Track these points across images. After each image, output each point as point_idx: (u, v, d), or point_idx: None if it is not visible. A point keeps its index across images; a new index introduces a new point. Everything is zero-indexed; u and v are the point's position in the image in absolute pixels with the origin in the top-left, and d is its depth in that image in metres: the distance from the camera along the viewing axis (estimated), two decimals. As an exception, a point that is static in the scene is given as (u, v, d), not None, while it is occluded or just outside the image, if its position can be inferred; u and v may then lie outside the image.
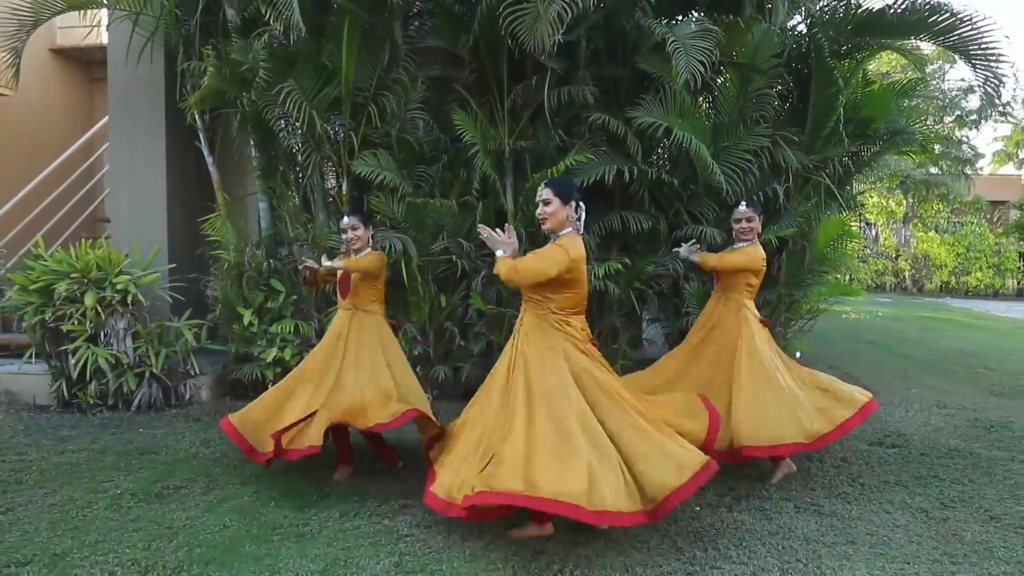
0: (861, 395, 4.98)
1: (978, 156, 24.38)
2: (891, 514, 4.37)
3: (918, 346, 11.01)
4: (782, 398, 4.75)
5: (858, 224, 19.45)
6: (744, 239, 5.02)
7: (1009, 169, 30.28)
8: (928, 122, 6.78)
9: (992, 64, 5.72)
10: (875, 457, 5.48)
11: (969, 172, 22.45)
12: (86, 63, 11.54)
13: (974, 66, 5.81)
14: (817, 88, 6.22)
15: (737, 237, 5.06)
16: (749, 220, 4.98)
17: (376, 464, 5.15)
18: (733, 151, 6.12)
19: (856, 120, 6.47)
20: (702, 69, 5.25)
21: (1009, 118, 25.65)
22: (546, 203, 3.95)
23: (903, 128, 6.77)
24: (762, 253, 5.02)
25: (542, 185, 4.02)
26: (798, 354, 8.42)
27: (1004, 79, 5.68)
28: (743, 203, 5.01)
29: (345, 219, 4.93)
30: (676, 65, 5.20)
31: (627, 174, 6.08)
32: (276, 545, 3.89)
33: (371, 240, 5.04)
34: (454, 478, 3.87)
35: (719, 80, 6.43)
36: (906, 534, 4.09)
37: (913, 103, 7.04)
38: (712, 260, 5.05)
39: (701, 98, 6.57)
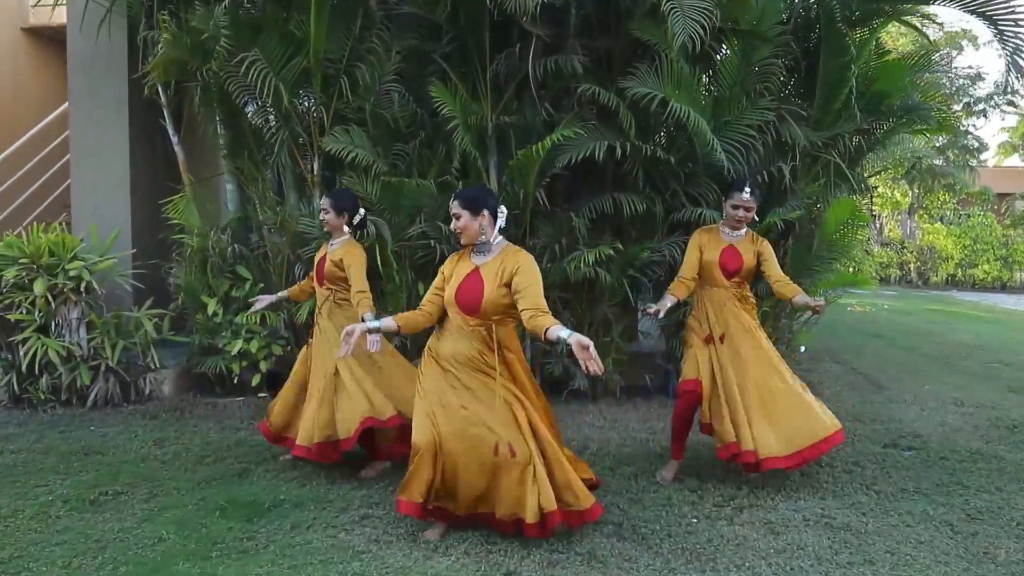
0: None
1: (983, 147, 23.88)
2: (912, 528, 3.88)
3: (927, 340, 10.52)
4: None
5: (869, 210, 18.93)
6: (736, 228, 4.50)
7: (1014, 160, 29.75)
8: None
9: (1021, 30, 5.20)
10: (890, 461, 4.99)
11: (974, 163, 21.93)
12: (59, 42, 10.99)
13: (1000, 33, 5.29)
14: (827, 58, 5.71)
15: (729, 222, 4.51)
16: (748, 210, 4.44)
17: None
18: (735, 126, 5.62)
19: (868, 95, 5.95)
20: (701, 33, 4.75)
21: (1017, 108, 25.04)
22: (456, 217, 3.67)
23: (918, 105, 6.25)
24: None
25: (452, 200, 3.71)
26: (802, 348, 7.96)
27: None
28: (748, 190, 4.40)
29: (322, 199, 4.80)
30: (672, 27, 4.70)
31: (620, 151, 5.57)
32: (214, 563, 3.42)
33: (348, 228, 4.67)
34: None
35: (720, 51, 5.92)
36: (931, 552, 3.60)
37: (929, 78, 6.50)
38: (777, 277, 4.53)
39: (701, 71, 6.03)
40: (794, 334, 6.87)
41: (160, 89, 6.62)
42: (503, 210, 3.74)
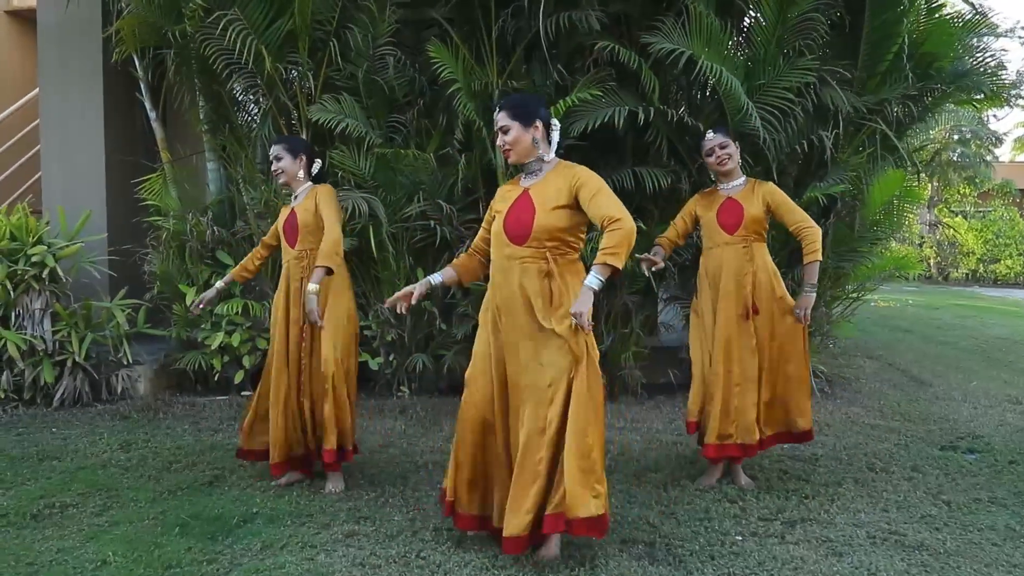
0: None
1: (999, 141, 23.17)
2: (999, 547, 3.25)
3: (961, 334, 9.88)
4: None
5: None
6: (724, 170, 3.95)
7: (1031, 156, 29.04)
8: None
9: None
10: (953, 466, 4.36)
11: (989, 158, 21.25)
12: (40, 24, 10.53)
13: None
14: (873, 13, 5.08)
15: (717, 170, 3.99)
16: (723, 147, 3.92)
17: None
18: (771, 89, 4.98)
19: (917, 56, 5.32)
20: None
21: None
22: (504, 131, 3.08)
23: (971, 69, 5.62)
24: None
25: (497, 111, 3.12)
26: (831, 343, 7.33)
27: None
28: (711, 131, 3.99)
29: (272, 147, 4.00)
30: (704, -32, 4.08)
31: (641, 116, 4.95)
32: (163, 592, 2.82)
33: (305, 175, 4.02)
34: None
35: (753, 6, 5.29)
36: (1028, 577, 2.98)
37: (981, 41, 5.85)
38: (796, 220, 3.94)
39: (732, 27, 5.38)
40: (831, 326, 6.24)
41: (135, 60, 6.08)
42: (556, 123, 3.18)
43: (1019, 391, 6.39)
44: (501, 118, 3.08)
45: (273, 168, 3.98)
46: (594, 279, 2.83)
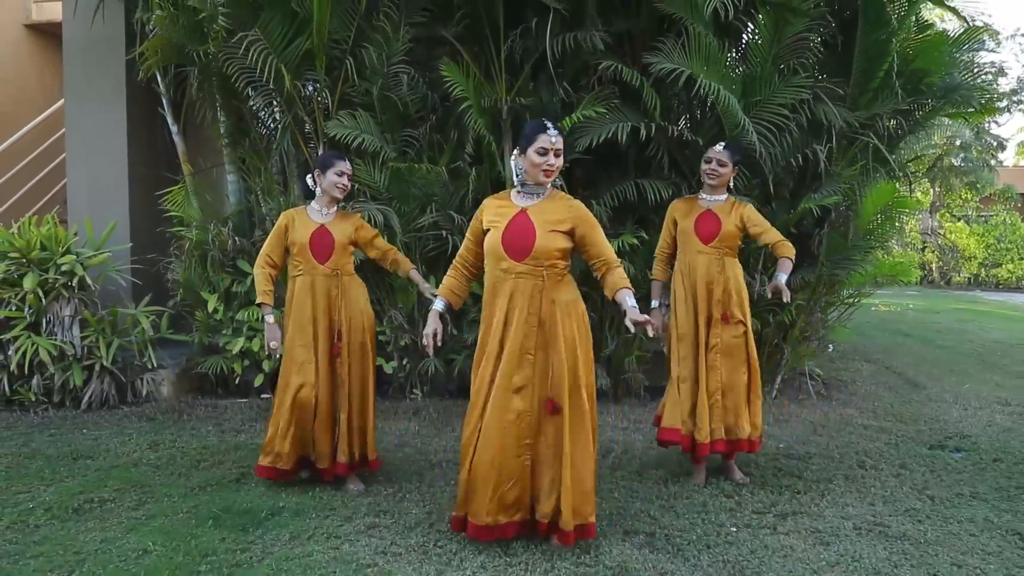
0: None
1: (1002, 146, 23.34)
2: (976, 537, 3.49)
3: (959, 338, 10.10)
4: None
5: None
6: (711, 182, 4.20)
7: (1033, 160, 29.19)
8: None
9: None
10: (940, 463, 4.60)
11: (993, 163, 21.45)
12: (61, 38, 10.79)
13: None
14: (865, 32, 5.33)
15: (705, 179, 4.23)
16: (721, 164, 4.16)
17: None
18: (767, 106, 5.24)
19: (908, 72, 5.56)
20: (732, 1, 4.38)
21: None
22: (558, 154, 3.28)
23: (960, 84, 5.85)
24: None
25: (555, 131, 3.27)
26: (830, 347, 7.57)
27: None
28: (722, 144, 4.24)
29: (347, 162, 4.11)
30: (702, -5, 4.34)
31: (643, 132, 5.20)
32: (202, 577, 3.07)
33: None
34: None
35: (749, 26, 5.55)
36: (1002, 564, 3.22)
37: (970, 56, 6.09)
38: (774, 239, 4.22)
39: (729, 47, 5.64)
40: (827, 331, 6.48)
41: (158, 76, 6.34)
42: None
43: (1009, 393, 6.62)
44: (559, 142, 3.27)
45: (343, 183, 4.07)
46: (630, 294, 3.26)
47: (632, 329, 3.14)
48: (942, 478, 4.33)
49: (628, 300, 3.21)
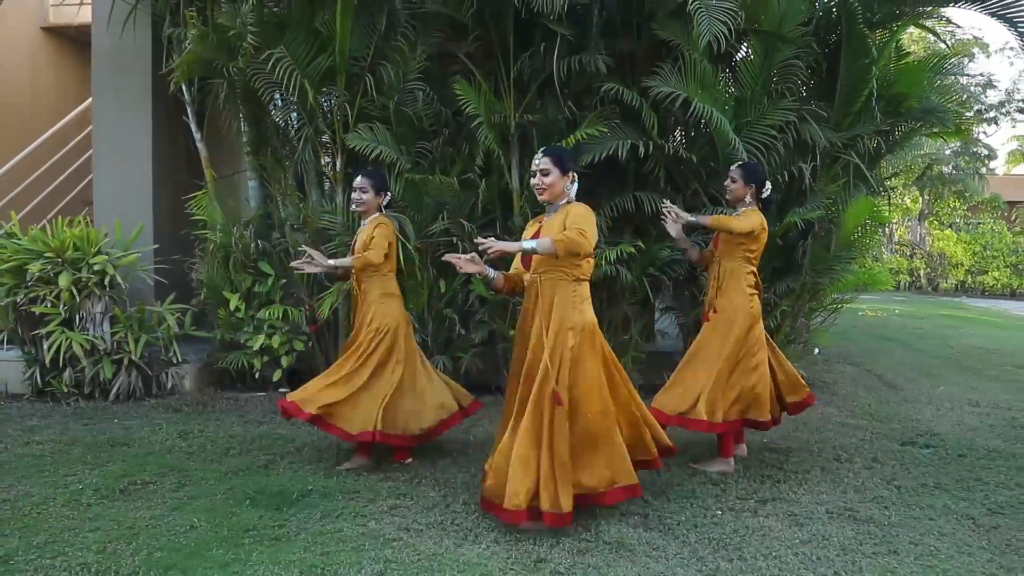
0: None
1: (992, 155, 23.85)
2: (935, 520, 3.91)
3: (940, 343, 10.54)
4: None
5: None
6: (728, 197, 4.77)
7: (1022, 169, 29.72)
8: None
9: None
10: (909, 458, 5.02)
11: (983, 171, 21.95)
12: (79, 42, 11.11)
13: (1021, 36, 5.33)
14: (848, 59, 5.76)
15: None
16: (733, 181, 4.66)
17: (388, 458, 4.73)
18: (756, 126, 5.67)
19: (888, 97, 6.00)
20: (725, 32, 4.80)
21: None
22: (544, 173, 3.73)
23: (936, 107, 6.29)
24: (761, 218, 4.64)
25: (540, 153, 3.78)
26: (816, 350, 8.00)
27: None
28: (737, 163, 4.77)
29: (358, 178, 4.65)
30: (698, 27, 4.75)
31: (642, 149, 5.62)
32: (247, 549, 3.46)
33: (381, 209, 4.74)
34: None
35: (741, 51, 5.96)
36: (954, 544, 3.64)
37: (947, 81, 6.54)
38: (707, 220, 4.68)
39: (722, 71, 6.07)
40: (811, 334, 6.91)
41: (184, 86, 6.68)
42: (576, 176, 3.84)
43: (980, 395, 7.05)
44: (544, 162, 3.72)
45: (355, 197, 4.61)
46: (529, 243, 3.56)
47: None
48: (910, 471, 4.75)
49: (526, 243, 3.58)
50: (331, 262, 4.58)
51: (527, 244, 3.57)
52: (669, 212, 4.64)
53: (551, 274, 3.70)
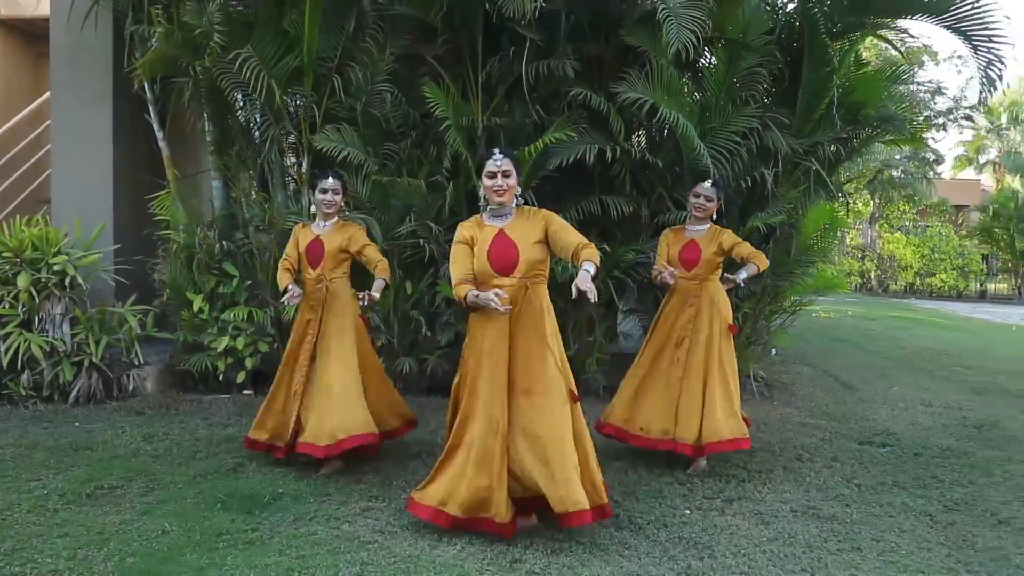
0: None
1: (940, 160, 24.54)
2: (894, 518, 4.05)
3: (892, 345, 10.83)
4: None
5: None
6: (699, 222, 4.79)
7: (968, 174, 30.68)
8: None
9: (993, 45, 5.42)
10: (867, 457, 5.18)
11: (931, 176, 22.59)
12: (32, 36, 10.83)
13: (975, 48, 5.51)
14: (809, 68, 5.91)
15: (692, 213, 4.81)
16: (709, 200, 4.74)
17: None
18: (720, 132, 5.78)
19: (847, 104, 6.17)
20: (693, 40, 4.89)
21: (974, 123, 25.77)
22: (506, 175, 3.67)
23: (893, 115, 6.48)
24: None
25: (498, 154, 3.69)
26: (773, 351, 8.17)
27: (1005, 61, 5.39)
28: (710, 181, 4.80)
29: (330, 179, 4.60)
30: (667, 35, 4.83)
31: (609, 154, 5.70)
32: (221, 553, 3.45)
33: (343, 211, 4.82)
34: None
35: (705, 58, 6.08)
36: (914, 539, 3.77)
37: (903, 90, 6.74)
38: (751, 271, 4.77)
39: (687, 78, 6.19)
40: (770, 336, 7.06)
41: (146, 85, 6.58)
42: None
43: (932, 395, 7.28)
44: (506, 164, 3.64)
45: (327, 199, 4.57)
46: (591, 265, 3.49)
47: (574, 293, 3.36)
48: (868, 469, 4.90)
49: (587, 267, 3.43)
50: (377, 293, 4.54)
51: (592, 269, 3.48)
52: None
53: (539, 279, 3.73)
